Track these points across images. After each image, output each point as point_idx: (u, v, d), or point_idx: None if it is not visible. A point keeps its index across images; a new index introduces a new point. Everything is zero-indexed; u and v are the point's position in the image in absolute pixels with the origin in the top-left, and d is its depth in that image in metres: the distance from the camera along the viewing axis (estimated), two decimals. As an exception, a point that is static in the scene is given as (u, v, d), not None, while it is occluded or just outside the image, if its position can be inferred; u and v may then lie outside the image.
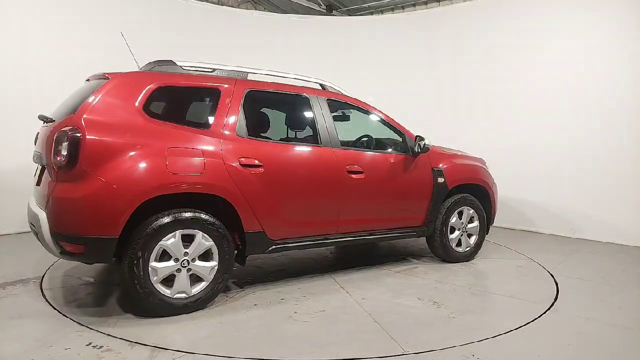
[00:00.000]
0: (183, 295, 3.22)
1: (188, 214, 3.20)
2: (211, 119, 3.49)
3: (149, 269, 3.08)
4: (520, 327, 3.16)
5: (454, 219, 4.71)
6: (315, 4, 9.31)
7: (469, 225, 4.84)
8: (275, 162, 3.62)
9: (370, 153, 4.34)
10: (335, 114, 4.61)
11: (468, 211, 4.80)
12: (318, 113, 4.04)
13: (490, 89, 6.93)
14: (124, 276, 3.09)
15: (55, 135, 3.02)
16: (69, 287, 3.78)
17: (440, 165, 4.62)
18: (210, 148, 3.34)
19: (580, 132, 6.14)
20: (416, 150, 4.42)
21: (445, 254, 4.75)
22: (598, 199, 6.02)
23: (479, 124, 6.94)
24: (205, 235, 3.27)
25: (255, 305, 3.48)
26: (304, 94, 4.07)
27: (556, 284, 4.17)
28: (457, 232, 4.76)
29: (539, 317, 3.36)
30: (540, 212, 6.51)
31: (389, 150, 4.49)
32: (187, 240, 3.23)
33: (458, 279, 4.24)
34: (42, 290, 3.65)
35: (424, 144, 4.38)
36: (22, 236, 5.49)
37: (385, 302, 3.61)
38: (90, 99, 3.12)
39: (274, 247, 3.67)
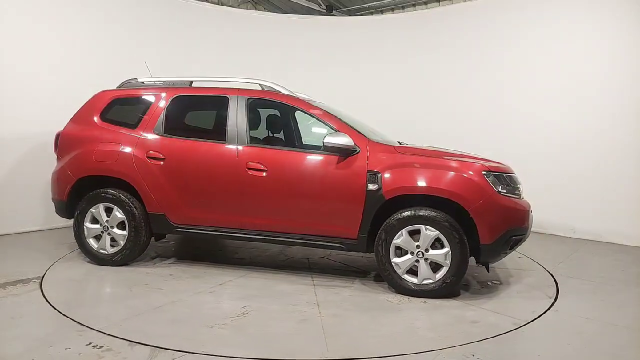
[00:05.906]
0: (104, 251, 4.30)
1: (106, 191, 4.25)
2: (139, 121, 4.36)
3: (84, 228, 4.32)
4: (520, 327, 3.16)
5: (399, 239, 3.69)
6: (315, 4, 9.30)
7: (433, 252, 3.64)
8: (174, 157, 4.19)
9: (279, 151, 4.06)
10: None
11: (428, 232, 3.62)
12: (232, 112, 4.19)
13: (490, 88, 6.93)
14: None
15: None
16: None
17: (378, 168, 3.75)
18: (128, 143, 4.28)
19: (579, 132, 6.14)
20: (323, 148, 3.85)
21: (388, 281, 3.80)
22: (598, 199, 6.01)
23: (478, 124, 6.94)
24: (120, 210, 4.24)
25: (147, 274, 4.14)
26: (225, 95, 4.29)
27: (556, 284, 4.17)
28: (408, 257, 3.69)
29: (539, 317, 3.36)
30: (540, 212, 6.49)
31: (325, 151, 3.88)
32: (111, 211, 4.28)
33: (333, 310, 3.37)
34: (42, 290, 3.65)
35: (326, 143, 3.76)
36: (22, 236, 5.49)
37: (210, 299, 3.55)
38: (77, 110, 4.55)
39: (176, 230, 4.26)
